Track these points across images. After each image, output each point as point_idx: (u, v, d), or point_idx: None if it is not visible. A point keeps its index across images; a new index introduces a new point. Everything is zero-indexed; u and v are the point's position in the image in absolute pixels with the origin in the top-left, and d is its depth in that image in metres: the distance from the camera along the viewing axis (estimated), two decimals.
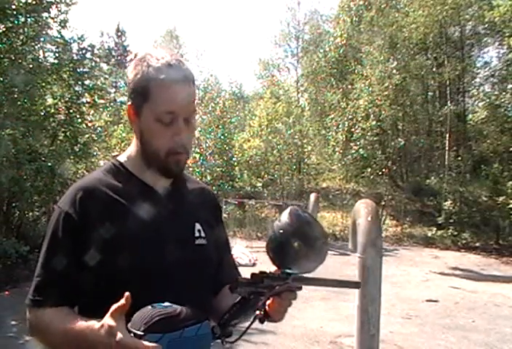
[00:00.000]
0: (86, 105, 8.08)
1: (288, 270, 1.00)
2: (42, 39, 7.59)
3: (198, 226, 1.19)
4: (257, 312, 1.05)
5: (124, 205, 1.12)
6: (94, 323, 0.96)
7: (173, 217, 1.16)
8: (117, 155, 1.23)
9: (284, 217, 1.01)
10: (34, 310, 1.10)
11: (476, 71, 15.37)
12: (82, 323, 1.00)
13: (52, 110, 7.66)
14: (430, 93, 16.72)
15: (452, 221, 11.85)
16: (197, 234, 1.18)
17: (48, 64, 7.74)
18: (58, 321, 1.05)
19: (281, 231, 0.99)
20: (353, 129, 13.90)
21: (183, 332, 0.89)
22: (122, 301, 0.90)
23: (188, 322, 0.90)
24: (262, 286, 0.98)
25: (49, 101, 7.85)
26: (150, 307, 0.90)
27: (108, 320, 0.92)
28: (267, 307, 1.06)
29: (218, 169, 13.93)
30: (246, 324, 1.05)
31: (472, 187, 13.05)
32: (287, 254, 1.00)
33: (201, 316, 0.94)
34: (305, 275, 1.04)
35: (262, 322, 1.06)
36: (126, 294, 0.90)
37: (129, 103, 1.15)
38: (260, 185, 14.85)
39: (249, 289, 0.98)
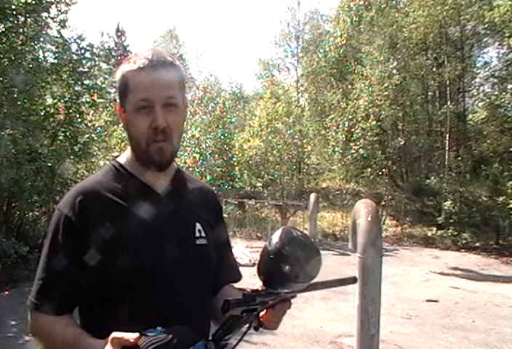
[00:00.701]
0: (86, 104, 8.07)
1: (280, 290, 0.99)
2: (42, 39, 7.57)
3: (198, 226, 1.19)
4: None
5: (124, 206, 1.11)
6: (93, 344, 0.99)
7: (173, 217, 1.15)
8: (117, 157, 1.23)
9: (275, 239, 0.98)
10: (36, 315, 1.11)
11: (476, 71, 15.35)
12: (80, 339, 1.02)
13: (52, 110, 7.64)
14: (430, 93, 16.70)
15: (451, 221, 11.83)
16: (197, 234, 1.18)
17: (48, 64, 7.72)
18: (58, 330, 1.07)
19: (272, 257, 0.96)
20: (353, 129, 13.88)
21: None
22: (131, 338, 0.90)
23: (182, 346, 0.89)
24: (255, 303, 0.96)
25: (49, 101, 7.82)
26: (142, 336, 0.89)
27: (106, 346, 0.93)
28: (261, 318, 1.04)
29: (218, 169, 13.90)
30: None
31: (472, 187, 13.02)
32: (278, 280, 0.97)
33: (195, 337, 0.92)
34: None
35: (256, 330, 1.04)
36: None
37: (118, 102, 1.17)
38: (260, 185, 14.83)
39: (241, 308, 0.95)
